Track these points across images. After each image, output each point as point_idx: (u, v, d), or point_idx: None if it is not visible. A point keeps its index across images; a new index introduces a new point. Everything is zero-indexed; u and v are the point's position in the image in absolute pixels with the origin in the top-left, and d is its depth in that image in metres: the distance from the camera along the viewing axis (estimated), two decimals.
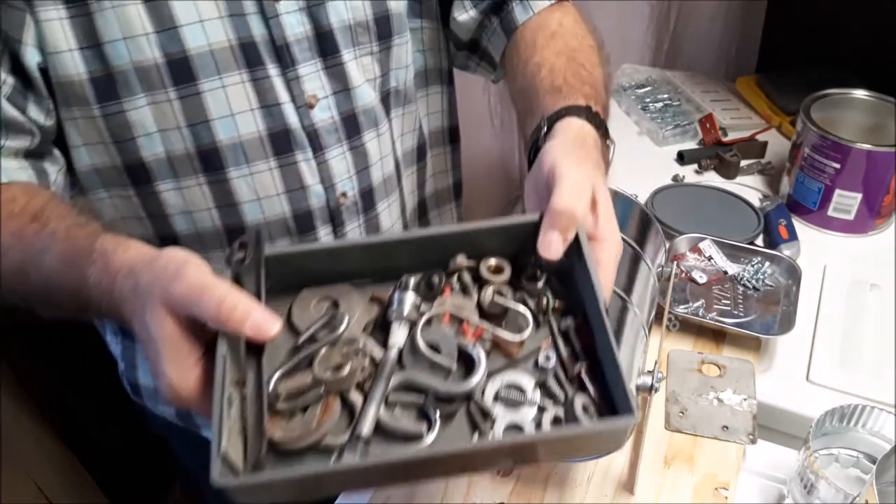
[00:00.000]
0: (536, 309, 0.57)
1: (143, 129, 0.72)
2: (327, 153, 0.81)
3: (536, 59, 0.79)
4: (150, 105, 0.71)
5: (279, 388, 0.52)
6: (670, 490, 0.78)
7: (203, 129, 0.74)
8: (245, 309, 0.49)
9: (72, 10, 0.67)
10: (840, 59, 1.33)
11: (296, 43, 0.75)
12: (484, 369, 0.53)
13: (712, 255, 1.03)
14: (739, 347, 0.94)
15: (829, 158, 1.10)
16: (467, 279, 0.59)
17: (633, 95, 1.45)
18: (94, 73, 0.69)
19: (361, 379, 0.53)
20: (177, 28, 0.70)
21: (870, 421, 0.78)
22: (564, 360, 0.55)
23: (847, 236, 1.15)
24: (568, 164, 0.59)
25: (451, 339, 0.54)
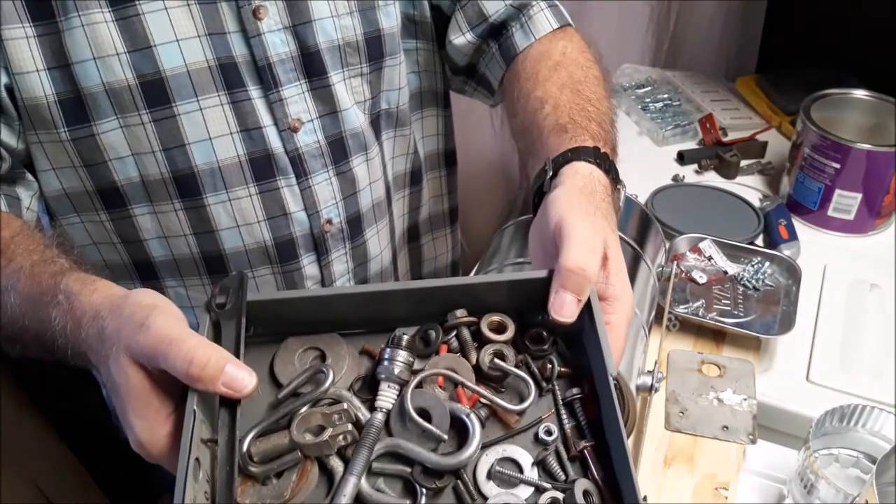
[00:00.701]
0: (540, 374, 0.53)
1: (115, 153, 0.69)
2: (312, 178, 0.77)
3: (539, 92, 0.75)
4: (123, 128, 0.68)
5: (253, 448, 0.48)
6: (670, 490, 0.78)
7: (179, 153, 0.70)
8: (217, 365, 0.46)
9: (39, 29, 0.64)
10: (840, 59, 1.33)
11: (279, 63, 0.72)
12: (478, 442, 0.49)
13: (712, 255, 1.03)
14: (739, 347, 0.94)
15: (829, 158, 1.10)
16: (466, 336, 0.54)
17: (633, 95, 1.45)
18: (63, 94, 0.66)
19: (343, 444, 0.49)
20: (151, 48, 0.67)
21: (870, 421, 0.78)
22: (568, 435, 0.50)
23: (847, 236, 1.15)
24: (576, 218, 0.55)
25: (444, 406, 0.50)
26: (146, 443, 0.48)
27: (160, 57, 0.67)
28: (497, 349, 0.54)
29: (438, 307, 0.54)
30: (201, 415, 0.47)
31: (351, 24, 0.76)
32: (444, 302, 0.54)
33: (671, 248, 1.03)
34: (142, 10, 0.66)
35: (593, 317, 0.52)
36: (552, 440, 0.50)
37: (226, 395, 0.47)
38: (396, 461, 0.49)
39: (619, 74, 1.54)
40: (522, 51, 0.80)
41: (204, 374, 0.45)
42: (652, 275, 0.77)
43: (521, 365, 0.53)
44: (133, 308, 0.49)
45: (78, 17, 0.64)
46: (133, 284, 0.80)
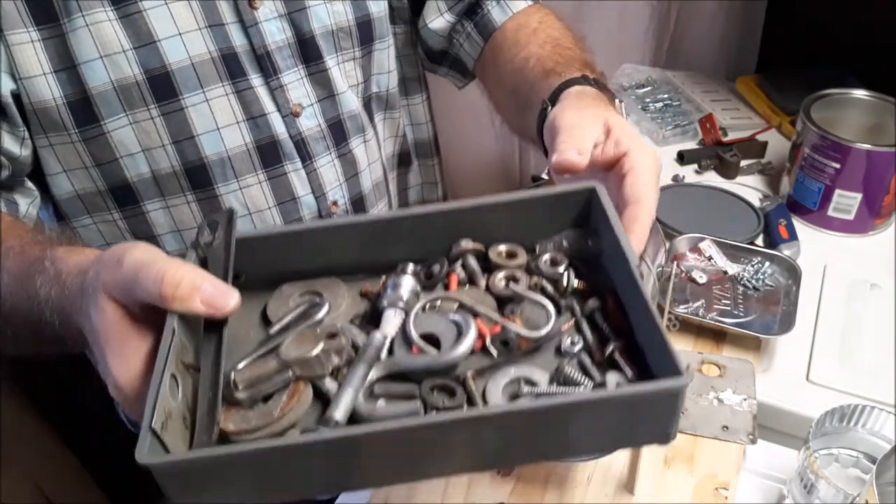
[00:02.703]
0: (556, 292, 0.49)
1: (125, 150, 0.70)
2: (316, 162, 0.79)
3: (522, 54, 0.77)
4: (133, 124, 0.69)
5: (238, 377, 0.44)
6: (670, 490, 0.78)
7: (188, 145, 0.71)
8: (192, 282, 0.42)
9: (44, 32, 0.64)
10: (840, 59, 1.33)
11: (277, 51, 0.74)
12: (473, 338, 0.45)
13: (712, 255, 1.03)
14: (739, 347, 0.94)
15: (829, 158, 1.10)
16: (474, 265, 0.50)
17: (633, 95, 1.45)
18: (71, 95, 0.66)
19: (339, 364, 0.44)
20: (155, 43, 0.67)
21: (870, 421, 0.78)
22: (591, 344, 0.46)
23: (847, 236, 1.15)
24: (567, 113, 0.56)
25: (454, 329, 0.46)
26: (124, 384, 0.44)
27: (164, 51, 0.68)
28: (509, 273, 0.50)
29: (440, 240, 0.50)
30: (184, 339, 0.43)
31: (343, 9, 0.78)
32: (445, 232, 0.50)
33: (671, 248, 1.03)
34: (143, 6, 0.67)
35: (606, 215, 0.48)
36: (576, 350, 0.46)
37: (206, 315, 0.43)
38: (401, 383, 0.45)
39: (619, 74, 1.53)
40: (500, 26, 0.82)
41: (178, 292, 0.42)
42: (652, 275, 0.77)
43: (536, 288, 0.49)
44: (111, 251, 0.47)
45: (81, 18, 0.65)
46: None
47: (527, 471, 0.80)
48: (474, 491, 0.79)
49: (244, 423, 0.42)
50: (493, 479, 0.80)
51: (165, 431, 0.40)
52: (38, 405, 1.38)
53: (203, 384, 0.43)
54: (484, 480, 0.80)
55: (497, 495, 0.78)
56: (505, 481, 0.80)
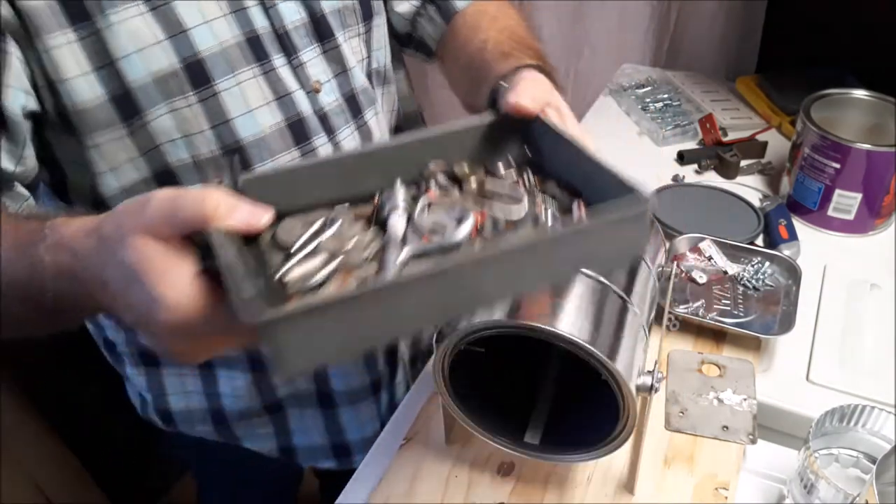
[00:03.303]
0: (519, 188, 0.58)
1: (166, 136, 0.71)
2: (339, 135, 0.82)
3: (481, 36, 0.82)
4: (172, 112, 0.70)
5: (288, 278, 0.47)
6: (670, 490, 0.78)
7: (225, 129, 0.73)
8: (228, 201, 0.46)
9: (80, 32, 0.65)
10: (840, 59, 1.33)
11: (294, 30, 0.76)
12: (472, 219, 0.52)
13: (712, 255, 1.03)
14: (739, 347, 0.94)
15: (829, 158, 1.10)
16: (444, 181, 0.59)
17: (633, 95, 1.45)
18: (113, 91, 0.67)
19: (370, 255, 0.50)
20: (186, 32, 0.69)
21: (870, 421, 0.78)
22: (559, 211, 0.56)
23: (847, 236, 1.15)
24: (518, 84, 0.64)
25: (453, 220, 0.52)
26: (180, 304, 0.44)
27: (195, 40, 0.70)
28: (478, 179, 0.58)
29: (411, 169, 0.59)
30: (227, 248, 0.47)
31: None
32: (415, 162, 0.59)
33: (671, 248, 1.03)
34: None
35: (545, 122, 0.59)
36: (551, 215, 0.55)
37: (243, 230, 0.47)
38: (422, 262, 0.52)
39: (619, 74, 1.54)
40: (461, 10, 0.88)
41: (219, 211, 0.45)
42: (652, 275, 0.77)
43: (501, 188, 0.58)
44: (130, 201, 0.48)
45: (114, 15, 0.66)
46: None
47: (527, 471, 0.80)
48: (474, 491, 0.79)
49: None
50: (493, 479, 0.80)
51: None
52: (38, 405, 1.38)
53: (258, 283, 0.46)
54: (484, 480, 0.80)
55: (497, 495, 0.78)
56: (505, 481, 0.80)
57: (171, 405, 0.92)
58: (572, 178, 0.58)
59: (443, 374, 0.71)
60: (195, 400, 0.91)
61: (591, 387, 0.68)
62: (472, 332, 0.67)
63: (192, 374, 0.89)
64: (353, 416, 0.96)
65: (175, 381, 0.89)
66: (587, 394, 0.72)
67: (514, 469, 0.81)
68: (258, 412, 0.93)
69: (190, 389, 0.90)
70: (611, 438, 0.69)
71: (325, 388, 0.93)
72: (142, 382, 0.92)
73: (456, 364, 0.70)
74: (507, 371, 0.80)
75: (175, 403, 0.92)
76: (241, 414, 0.92)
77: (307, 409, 0.95)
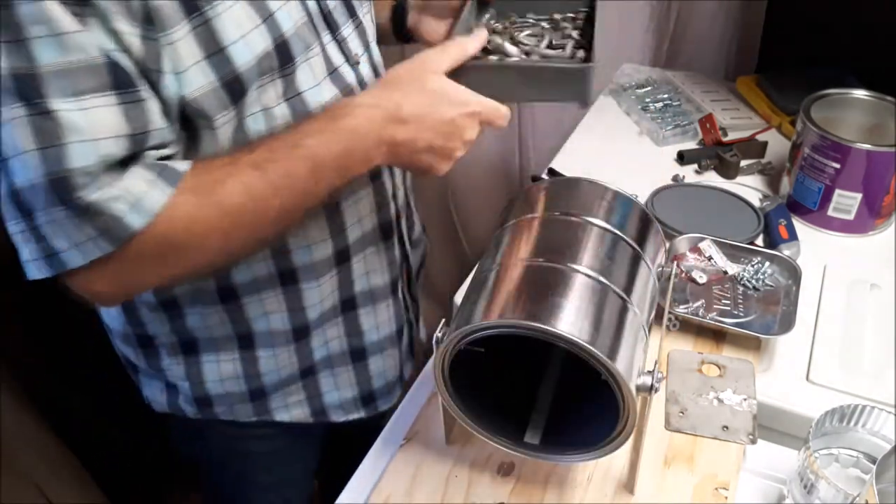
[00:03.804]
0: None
1: (250, 110, 0.75)
2: None
3: None
4: (258, 89, 0.74)
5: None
6: (670, 490, 0.78)
7: (297, 101, 0.78)
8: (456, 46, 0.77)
9: (193, 22, 0.68)
10: (840, 59, 1.33)
11: (334, 9, 0.82)
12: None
13: (712, 255, 1.03)
14: (739, 347, 0.94)
15: (829, 158, 1.10)
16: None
17: (633, 95, 1.45)
18: (225, 76, 0.70)
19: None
20: (272, 15, 0.73)
21: (870, 421, 0.78)
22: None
23: (847, 236, 1.15)
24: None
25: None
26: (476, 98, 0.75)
27: (280, 21, 0.74)
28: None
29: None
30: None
31: None
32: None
33: (671, 248, 1.03)
34: None
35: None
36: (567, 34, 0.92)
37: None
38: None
39: (619, 74, 1.54)
40: None
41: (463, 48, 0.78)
42: (652, 275, 0.77)
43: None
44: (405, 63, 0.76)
45: (220, 5, 0.69)
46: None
47: (527, 471, 0.80)
48: (474, 491, 0.79)
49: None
50: (493, 479, 0.80)
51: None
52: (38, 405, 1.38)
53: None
54: (484, 480, 0.80)
55: (497, 495, 0.78)
56: (505, 481, 0.80)
57: (209, 391, 0.94)
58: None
59: (443, 374, 0.71)
60: (233, 384, 0.93)
61: (591, 387, 0.68)
62: (472, 332, 0.67)
63: (232, 358, 0.91)
64: (381, 363, 1.00)
65: (213, 367, 0.91)
66: (587, 394, 0.72)
67: (514, 469, 0.81)
68: (294, 380, 0.95)
69: (228, 374, 0.92)
70: (611, 438, 0.69)
71: (358, 344, 0.97)
72: (179, 371, 0.93)
73: (456, 364, 0.70)
74: (507, 371, 0.80)
75: (214, 389, 0.93)
76: (277, 385, 0.95)
77: (339, 367, 0.98)
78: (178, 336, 0.89)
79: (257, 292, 0.86)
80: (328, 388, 0.98)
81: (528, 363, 0.82)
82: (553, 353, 0.83)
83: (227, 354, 0.91)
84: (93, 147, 0.63)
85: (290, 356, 0.92)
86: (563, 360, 0.83)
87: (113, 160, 0.64)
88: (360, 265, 0.91)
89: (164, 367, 0.93)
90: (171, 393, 0.96)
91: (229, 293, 0.85)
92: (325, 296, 0.90)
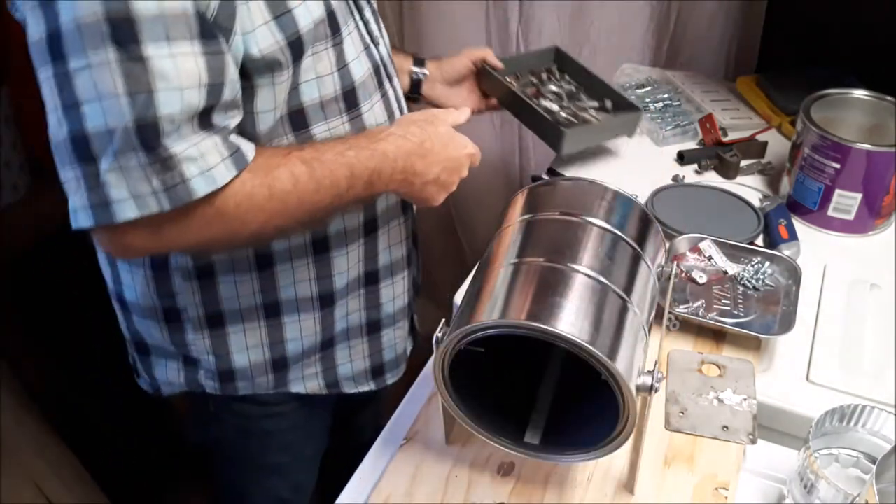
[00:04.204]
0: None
1: (304, 77, 0.80)
2: (393, 81, 0.95)
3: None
4: (313, 55, 0.80)
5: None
6: (670, 490, 0.78)
7: (345, 72, 0.84)
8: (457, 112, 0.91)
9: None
10: (840, 59, 1.33)
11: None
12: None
13: (712, 255, 1.03)
14: (739, 347, 0.94)
15: (829, 158, 1.10)
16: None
17: (633, 95, 1.45)
18: (290, 37, 0.76)
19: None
20: None
21: (870, 421, 0.78)
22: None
23: (847, 236, 1.15)
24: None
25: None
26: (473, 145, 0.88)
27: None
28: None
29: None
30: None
31: None
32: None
33: (671, 248, 1.03)
34: None
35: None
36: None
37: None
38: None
39: (619, 74, 1.54)
40: None
41: (458, 116, 0.92)
42: (652, 275, 0.77)
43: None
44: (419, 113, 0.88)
45: None
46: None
47: (527, 471, 0.80)
48: (474, 490, 0.79)
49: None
50: (493, 479, 0.80)
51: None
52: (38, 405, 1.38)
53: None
54: (484, 480, 0.80)
55: (497, 495, 0.78)
56: (505, 481, 0.80)
57: (234, 364, 0.96)
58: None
59: (443, 374, 0.71)
60: (258, 353, 0.96)
61: (591, 387, 0.69)
62: (472, 332, 0.67)
63: (257, 326, 0.94)
64: (392, 335, 1.05)
65: (239, 337, 0.94)
66: (587, 394, 0.72)
67: (514, 469, 0.81)
68: (314, 351, 0.99)
69: (253, 343, 0.95)
70: (611, 438, 0.69)
71: (375, 316, 1.02)
72: (205, 345, 0.95)
73: (456, 364, 0.70)
74: (507, 371, 0.80)
75: (239, 361, 0.96)
76: (300, 356, 0.98)
77: (354, 339, 1.02)
78: (205, 308, 0.92)
79: (290, 260, 0.90)
80: (343, 361, 1.02)
81: (528, 363, 0.82)
82: (553, 353, 0.83)
83: (252, 323, 0.94)
84: (178, 95, 0.65)
85: (315, 325, 0.96)
86: (563, 360, 0.83)
87: (194, 111, 0.67)
88: (384, 237, 0.97)
89: (188, 341, 0.95)
90: (189, 370, 0.98)
91: (265, 261, 0.89)
92: (352, 265, 0.95)
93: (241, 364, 0.96)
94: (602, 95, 1.27)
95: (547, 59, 1.35)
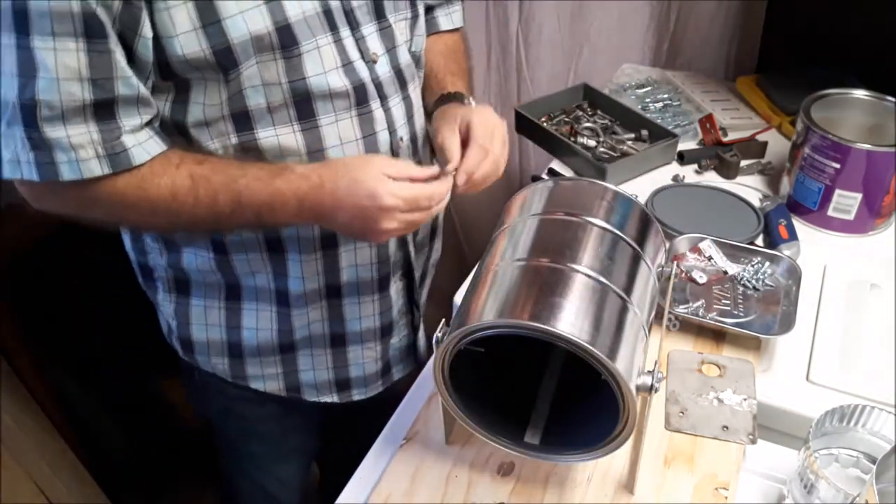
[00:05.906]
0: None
1: (250, 83, 0.82)
2: (389, 102, 0.93)
3: (440, 59, 1.06)
4: (259, 64, 0.81)
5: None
6: (670, 490, 0.78)
7: (301, 84, 0.84)
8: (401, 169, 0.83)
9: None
10: (840, 59, 1.33)
11: (358, 8, 0.88)
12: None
13: (712, 255, 1.03)
14: (739, 347, 0.94)
15: (829, 158, 1.10)
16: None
17: (633, 95, 1.45)
18: (217, 46, 0.78)
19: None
20: (279, 0, 0.81)
21: (870, 421, 0.78)
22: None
23: (847, 236, 1.15)
24: (442, 127, 0.91)
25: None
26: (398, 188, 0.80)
27: (286, 7, 0.81)
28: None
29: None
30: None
31: None
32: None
33: (671, 248, 1.03)
34: None
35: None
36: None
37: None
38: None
39: (619, 74, 1.54)
40: (440, 31, 1.08)
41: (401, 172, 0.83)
42: (652, 275, 0.77)
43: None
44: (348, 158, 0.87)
45: None
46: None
47: (527, 471, 0.80)
48: (474, 490, 0.79)
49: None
50: (493, 479, 0.80)
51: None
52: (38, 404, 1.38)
53: None
54: (484, 480, 0.80)
55: (497, 495, 0.78)
56: (505, 481, 0.80)
57: (192, 335, 1.01)
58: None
59: (443, 374, 0.71)
60: (215, 332, 1.00)
61: (591, 387, 0.69)
62: (472, 332, 0.67)
63: (217, 306, 0.98)
64: (359, 354, 1.05)
65: (200, 311, 0.99)
66: (587, 394, 0.72)
67: (514, 469, 0.81)
68: (272, 350, 1.01)
69: (212, 321, 0.99)
70: (611, 438, 0.69)
71: (339, 330, 1.02)
72: (170, 309, 1.01)
73: (456, 364, 0.70)
74: (507, 371, 0.80)
75: (196, 333, 1.00)
76: (256, 350, 1.00)
77: (317, 349, 1.03)
78: (173, 272, 0.97)
79: (244, 251, 0.93)
80: (305, 367, 1.04)
81: (528, 363, 0.82)
82: (553, 353, 0.83)
83: (213, 301, 0.98)
84: (55, 85, 0.72)
85: (272, 321, 0.98)
86: (563, 360, 0.83)
87: (79, 101, 0.73)
88: (348, 255, 0.96)
89: (159, 300, 1.02)
90: (168, 328, 1.04)
91: (219, 246, 0.93)
92: (310, 275, 0.95)
93: (199, 338, 1.00)
94: (637, 126, 1.31)
95: (576, 96, 1.40)
